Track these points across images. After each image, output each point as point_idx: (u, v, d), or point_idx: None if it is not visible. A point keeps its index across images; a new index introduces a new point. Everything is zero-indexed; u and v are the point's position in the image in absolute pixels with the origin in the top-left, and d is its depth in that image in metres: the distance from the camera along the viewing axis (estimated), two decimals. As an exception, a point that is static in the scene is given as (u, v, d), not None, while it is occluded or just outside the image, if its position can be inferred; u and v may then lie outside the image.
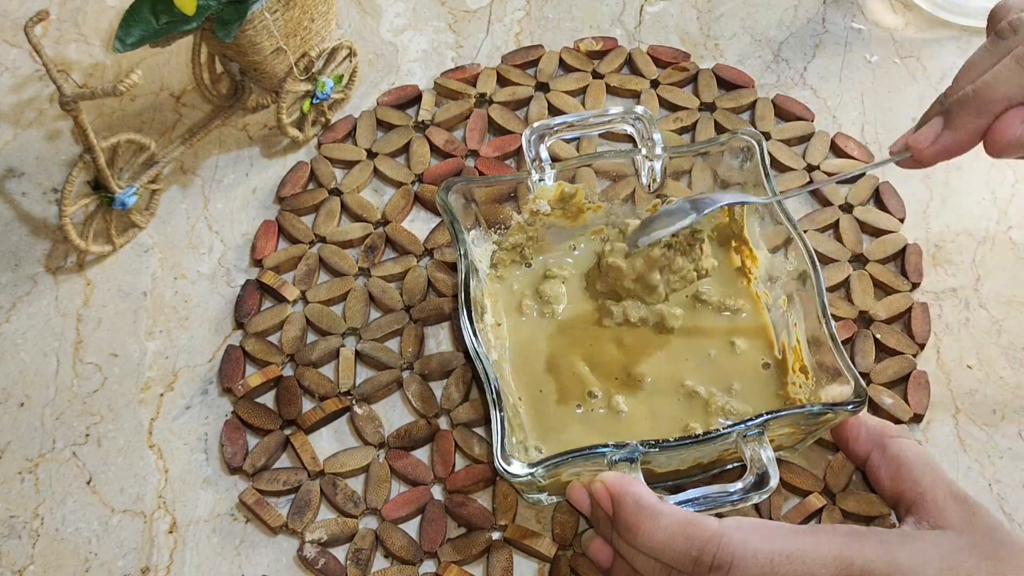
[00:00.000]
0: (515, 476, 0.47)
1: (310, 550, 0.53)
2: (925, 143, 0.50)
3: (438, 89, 0.71)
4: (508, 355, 0.56)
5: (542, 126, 0.58)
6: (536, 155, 0.57)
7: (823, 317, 0.51)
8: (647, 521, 0.44)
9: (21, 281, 0.63)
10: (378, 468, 0.55)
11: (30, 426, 0.57)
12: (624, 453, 0.47)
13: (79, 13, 0.75)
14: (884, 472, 0.50)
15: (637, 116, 0.58)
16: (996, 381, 0.58)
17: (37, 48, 0.54)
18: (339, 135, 0.68)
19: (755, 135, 0.57)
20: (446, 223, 0.56)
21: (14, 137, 0.69)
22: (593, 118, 0.59)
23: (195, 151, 0.68)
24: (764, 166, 0.56)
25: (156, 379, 0.59)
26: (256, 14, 0.59)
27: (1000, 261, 0.63)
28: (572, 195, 0.58)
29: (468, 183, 0.57)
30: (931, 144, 0.50)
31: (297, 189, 0.66)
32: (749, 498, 0.47)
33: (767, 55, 0.73)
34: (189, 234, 0.65)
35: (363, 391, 0.57)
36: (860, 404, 0.48)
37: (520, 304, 0.58)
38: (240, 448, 0.56)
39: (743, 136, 0.57)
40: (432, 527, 0.53)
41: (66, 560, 0.53)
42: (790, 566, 0.43)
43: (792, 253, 0.55)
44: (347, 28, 0.75)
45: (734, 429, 0.47)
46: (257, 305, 0.61)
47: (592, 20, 0.75)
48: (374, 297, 0.61)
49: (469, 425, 0.56)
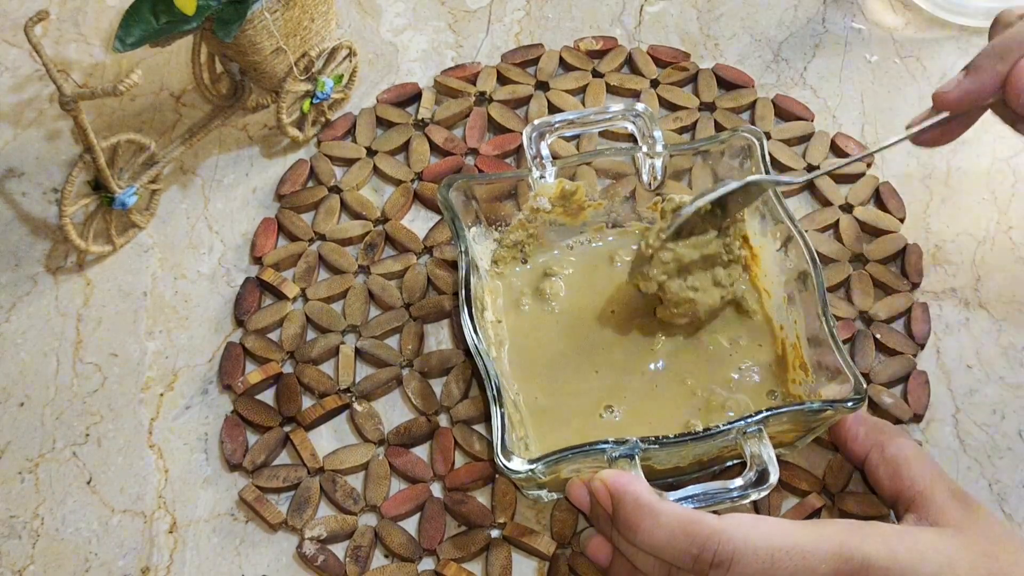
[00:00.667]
0: (515, 472, 0.47)
1: (309, 547, 0.53)
2: (948, 88, 0.51)
3: (438, 87, 0.71)
4: (507, 352, 0.56)
5: (543, 123, 0.58)
6: (537, 152, 0.57)
7: (823, 315, 0.51)
8: (647, 519, 0.44)
9: (21, 281, 0.63)
10: (377, 465, 0.55)
11: (30, 426, 0.57)
12: (624, 449, 0.47)
13: (79, 13, 0.76)
14: (882, 471, 0.50)
15: (638, 113, 0.59)
16: (996, 381, 0.58)
17: (37, 48, 0.54)
18: (339, 133, 0.68)
19: (756, 132, 0.57)
20: (447, 220, 0.56)
21: (14, 137, 0.69)
22: (594, 115, 0.59)
23: (195, 151, 0.68)
24: (764, 163, 0.56)
25: (156, 379, 0.59)
26: (256, 14, 0.59)
27: (1000, 261, 0.63)
28: (573, 192, 0.58)
29: (469, 180, 0.57)
30: (955, 88, 0.51)
31: (297, 187, 0.66)
32: (749, 494, 0.47)
33: (767, 55, 0.73)
34: (189, 234, 0.65)
35: (363, 388, 0.57)
36: (859, 401, 0.48)
37: (520, 301, 0.58)
38: (240, 445, 0.56)
39: (744, 134, 0.57)
40: (431, 524, 0.53)
41: (66, 560, 0.53)
42: (790, 561, 0.43)
43: (792, 251, 0.55)
44: (347, 28, 0.75)
45: (734, 426, 0.47)
46: (257, 302, 0.61)
47: (592, 20, 0.75)
48: (374, 295, 0.61)
49: (469, 422, 0.56)
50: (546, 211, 0.59)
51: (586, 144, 0.67)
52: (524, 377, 0.55)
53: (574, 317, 0.58)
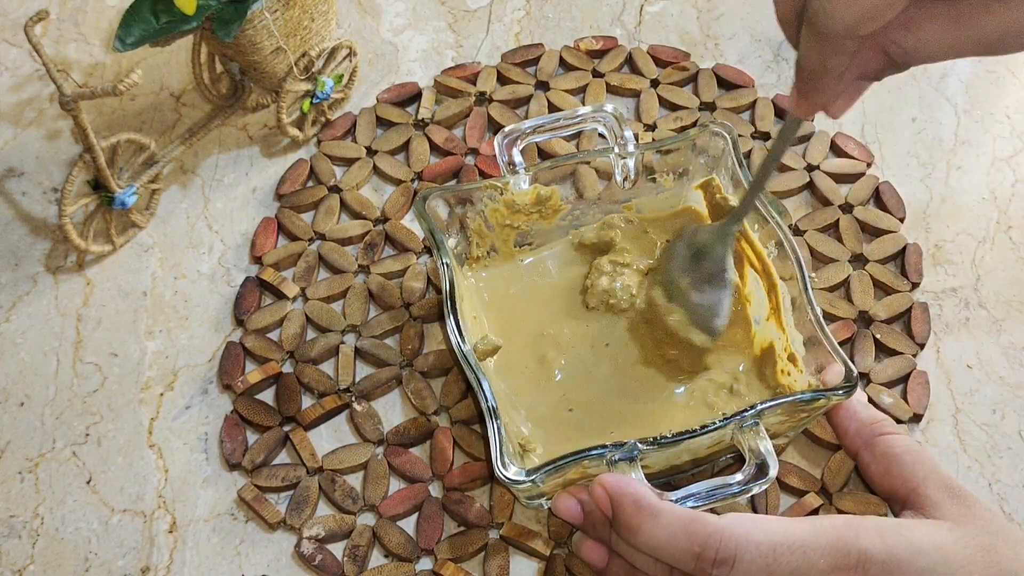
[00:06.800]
0: (516, 483, 0.46)
1: (307, 546, 0.53)
2: (792, 104, 0.46)
3: (438, 87, 0.71)
4: (493, 364, 0.56)
5: (514, 130, 0.57)
6: (509, 159, 0.57)
7: (809, 304, 0.51)
8: (648, 520, 0.44)
9: (21, 281, 0.63)
10: (376, 465, 0.55)
11: (30, 426, 0.57)
12: (623, 452, 0.47)
13: (79, 13, 0.76)
14: (875, 470, 0.50)
15: (607, 114, 0.58)
16: (996, 381, 0.58)
17: (37, 48, 0.54)
18: (339, 133, 0.69)
19: (725, 127, 0.57)
20: (424, 232, 0.55)
21: (14, 137, 0.69)
22: (564, 119, 0.58)
23: (195, 151, 0.68)
24: (737, 155, 0.56)
25: (156, 379, 0.59)
26: (256, 14, 0.60)
27: (1000, 261, 0.63)
28: (548, 197, 0.58)
29: (445, 192, 0.56)
30: (796, 107, 0.46)
31: (297, 186, 0.66)
32: (750, 488, 0.46)
33: (767, 55, 0.73)
34: (189, 234, 0.65)
35: (362, 388, 0.58)
36: (851, 388, 0.48)
37: (504, 307, 0.58)
38: (239, 444, 0.56)
39: (714, 128, 0.57)
40: (429, 524, 0.53)
41: (66, 560, 0.53)
42: (792, 556, 0.43)
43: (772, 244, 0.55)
44: (347, 28, 0.75)
45: (730, 421, 0.47)
46: (257, 302, 0.61)
47: (592, 20, 0.75)
48: (373, 294, 0.61)
49: (468, 423, 0.56)
50: (526, 214, 0.58)
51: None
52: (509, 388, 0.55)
53: (558, 319, 0.58)
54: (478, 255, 0.59)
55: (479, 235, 0.58)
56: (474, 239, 0.58)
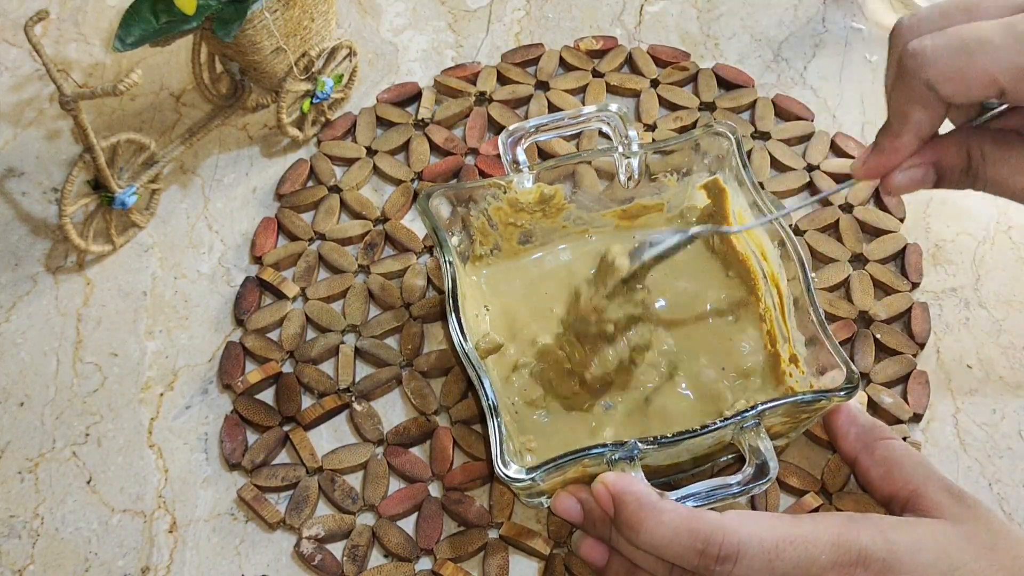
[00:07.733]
0: (516, 481, 0.46)
1: (307, 546, 0.53)
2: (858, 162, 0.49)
3: (438, 87, 0.71)
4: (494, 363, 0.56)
5: (518, 128, 0.57)
6: (513, 158, 0.57)
7: (811, 306, 0.51)
8: (650, 518, 0.44)
9: (21, 281, 0.63)
10: (376, 465, 0.55)
11: (30, 426, 0.57)
12: (623, 451, 0.47)
13: (79, 13, 0.76)
14: (874, 474, 0.50)
15: (612, 114, 0.58)
16: (996, 381, 0.58)
17: (37, 48, 0.54)
18: (339, 133, 0.69)
19: (729, 127, 0.57)
20: (427, 229, 0.55)
21: (14, 137, 0.69)
22: (568, 118, 0.58)
23: (195, 151, 0.68)
24: (741, 155, 0.56)
25: (156, 379, 0.59)
26: (256, 14, 0.60)
27: (1000, 261, 0.63)
28: (552, 196, 0.58)
29: (448, 190, 0.56)
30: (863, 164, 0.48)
31: (296, 186, 0.66)
32: (750, 489, 0.47)
33: (767, 55, 0.73)
34: (189, 234, 0.65)
35: (362, 388, 0.58)
36: (852, 390, 0.48)
37: (506, 305, 0.58)
38: (239, 444, 0.56)
39: (718, 128, 0.57)
40: (429, 524, 0.53)
41: (66, 560, 0.53)
42: (794, 551, 0.43)
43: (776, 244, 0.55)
44: (347, 28, 0.75)
45: (730, 421, 0.47)
46: (257, 302, 0.61)
47: (592, 19, 0.75)
48: (373, 294, 0.61)
49: (467, 422, 0.56)
50: (529, 213, 0.58)
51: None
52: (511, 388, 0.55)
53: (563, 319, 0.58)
54: (481, 253, 0.59)
55: (482, 233, 0.58)
56: (477, 237, 0.58)
